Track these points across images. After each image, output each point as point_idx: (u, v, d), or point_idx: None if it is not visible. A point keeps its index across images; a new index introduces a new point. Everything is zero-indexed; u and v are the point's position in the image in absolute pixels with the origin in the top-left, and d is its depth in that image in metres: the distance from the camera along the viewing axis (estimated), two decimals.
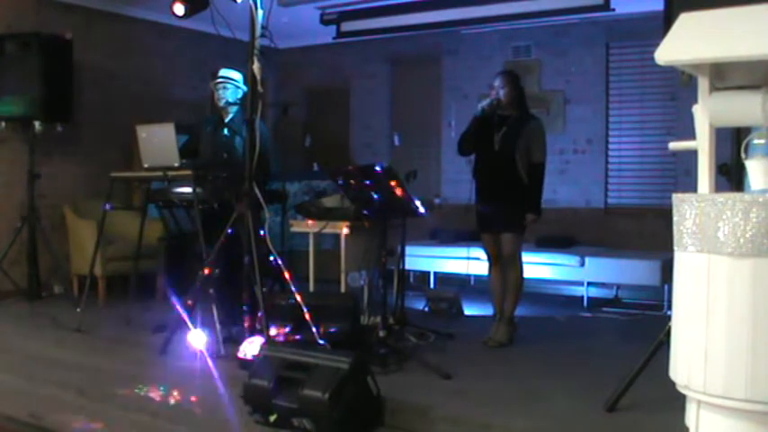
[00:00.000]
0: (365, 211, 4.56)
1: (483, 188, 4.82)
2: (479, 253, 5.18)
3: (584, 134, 7.25)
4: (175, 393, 3.59)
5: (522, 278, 4.79)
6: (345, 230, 5.02)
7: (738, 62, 2.30)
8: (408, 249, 5.26)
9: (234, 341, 4.31)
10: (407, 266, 5.54)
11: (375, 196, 4.29)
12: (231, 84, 5.20)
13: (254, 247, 4.15)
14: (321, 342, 4.02)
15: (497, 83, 4.78)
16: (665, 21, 3.30)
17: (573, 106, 7.31)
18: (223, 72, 5.23)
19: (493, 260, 4.85)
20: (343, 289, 5.07)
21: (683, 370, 2.42)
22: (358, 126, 8.69)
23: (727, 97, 2.46)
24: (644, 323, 5.62)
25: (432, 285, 7.31)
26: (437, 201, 7.87)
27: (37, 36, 6.16)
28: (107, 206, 5.20)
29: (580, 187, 7.28)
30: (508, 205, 4.69)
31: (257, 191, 4.24)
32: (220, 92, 5.21)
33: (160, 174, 4.77)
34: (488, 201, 4.77)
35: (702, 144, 2.47)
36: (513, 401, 3.53)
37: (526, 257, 4.89)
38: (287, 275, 4.20)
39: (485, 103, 4.72)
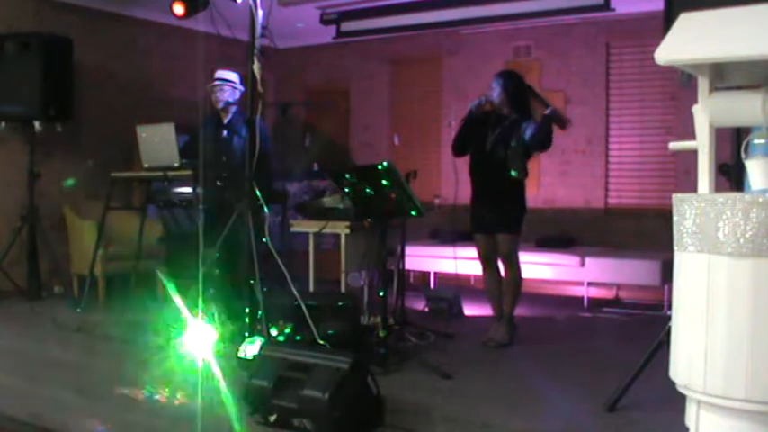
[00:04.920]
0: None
1: (476, 189, 4.82)
2: (471, 252, 5.14)
3: (584, 134, 7.25)
4: (175, 393, 3.58)
5: (521, 278, 4.79)
6: (345, 230, 5.02)
7: (738, 62, 2.30)
8: (408, 249, 5.26)
9: (234, 341, 4.31)
10: (407, 266, 5.54)
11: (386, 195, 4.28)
12: (228, 85, 5.20)
13: (255, 246, 4.15)
14: (321, 342, 4.02)
15: (492, 84, 4.79)
16: (665, 21, 3.30)
17: (573, 106, 7.30)
18: (219, 74, 5.23)
19: (485, 261, 4.84)
20: (343, 289, 5.08)
21: (683, 370, 2.42)
22: (358, 126, 8.68)
23: (727, 97, 2.46)
24: (644, 323, 5.62)
25: (432, 285, 7.31)
26: (437, 201, 7.86)
27: (37, 36, 6.16)
28: None
29: (580, 187, 7.28)
30: (502, 206, 4.69)
31: (257, 191, 4.25)
32: (218, 94, 5.21)
33: (160, 174, 4.78)
34: (482, 201, 4.77)
35: (702, 144, 2.46)
36: (513, 401, 3.53)
37: (526, 257, 4.89)
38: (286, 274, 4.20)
39: (473, 104, 4.72)
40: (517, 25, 7.39)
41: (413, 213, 4.34)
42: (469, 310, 6.00)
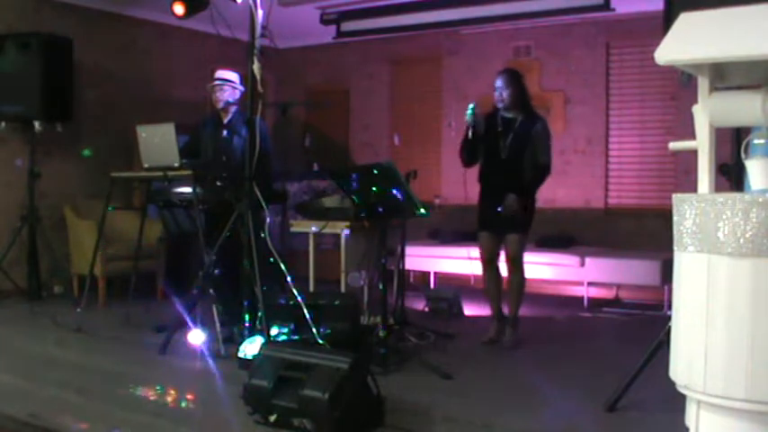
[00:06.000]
0: (379, 209, 4.51)
1: (489, 192, 4.75)
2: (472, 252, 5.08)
3: (584, 134, 7.25)
4: (175, 393, 3.59)
5: (524, 279, 4.79)
6: (345, 230, 5.02)
7: (738, 62, 2.30)
8: (408, 249, 5.26)
9: (234, 341, 4.31)
10: (407, 266, 5.53)
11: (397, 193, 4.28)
12: (228, 85, 5.20)
13: (254, 247, 4.15)
14: (321, 342, 4.02)
15: (499, 83, 4.70)
16: (665, 21, 3.31)
17: (573, 106, 7.31)
18: (219, 74, 5.23)
19: (488, 260, 4.81)
20: (343, 289, 5.08)
21: (683, 370, 2.42)
22: (358, 126, 8.69)
23: (727, 97, 2.46)
24: (644, 323, 5.62)
25: (432, 285, 7.31)
26: (437, 201, 7.87)
27: (37, 36, 6.16)
28: None
29: (580, 187, 7.27)
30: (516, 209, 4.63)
31: (257, 191, 4.25)
32: (218, 94, 5.21)
33: (160, 174, 4.77)
34: (493, 202, 4.69)
35: (702, 144, 2.47)
36: (513, 402, 3.53)
37: (526, 257, 4.88)
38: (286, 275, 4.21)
39: (468, 118, 4.65)
40: (517, 25, 7.39)
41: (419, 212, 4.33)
42: (469, 310, 6.00)
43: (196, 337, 4.32)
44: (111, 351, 4.53)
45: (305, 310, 4.06)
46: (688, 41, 2.40)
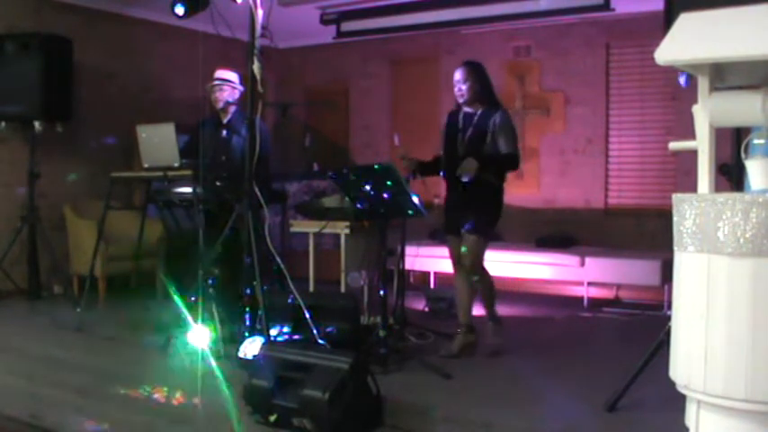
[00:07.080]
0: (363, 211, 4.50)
1: (450, 191, 4.63)
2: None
3: (584, 134, 7.25)
4: (175, 393, 3.59)
5: (490, 278, 4.61)
6: (345, 230, 5.02)
7: (738, 62, 2.31)
8: (408, 249, 5.26)
9: (234, 341, 4.31)
10: (407, 266, 5.53)
11: (385, 195, 4.25)
12: (228, 85, 5.20)
13: (254, 246, 4.15)
14: (321, 342, 4.02)
15: (457, 77, 4.52)
16: (665, 21, 3.31)
17: (573, 106, 7.31)
18: (219, 74, 5.23)
19: (455, 263, 4.63)
20: (343, 289, 5.08)
21: (683, 370, 2.42)
22: (358, 126, 8.69)
23: (727, 97, 2.46)
24: (644, 323, 5.62)
25: (432, 285, 7.31)
26: (437, 201, 7.86)
27: (37, 36, 6.16)
28: None
29: (580, 187, 7.28)
30: (475, 209, 4.45)
31: (257, 191, 4.25)
32: (217, 94, 5.21)
33: (160, 174, 4.78)
34: (455, 204, 4.57)
35: (702, 144, 2.47)
36: (513, 401, 3.53)
37: (526, 257, 4.87)
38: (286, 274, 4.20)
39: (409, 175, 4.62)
40: (517, 25, 7.39)
41: (410, 213, 4.32)
42: None
43: (196, 337, 4.32)
44: (111, 351, 4.54)
45: (305, 310, 4.06)
46: (688, 41, 2.40)
